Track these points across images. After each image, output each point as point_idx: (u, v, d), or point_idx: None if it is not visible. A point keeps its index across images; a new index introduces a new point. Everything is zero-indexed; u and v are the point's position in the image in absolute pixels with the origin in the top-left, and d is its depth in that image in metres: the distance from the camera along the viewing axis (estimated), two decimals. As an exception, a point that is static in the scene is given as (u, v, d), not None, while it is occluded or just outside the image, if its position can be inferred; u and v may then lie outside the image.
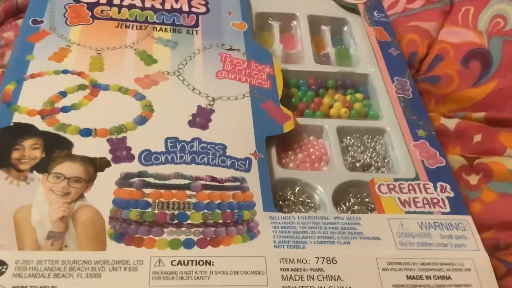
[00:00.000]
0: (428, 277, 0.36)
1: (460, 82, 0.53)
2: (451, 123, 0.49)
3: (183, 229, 0.36)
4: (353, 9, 0.57)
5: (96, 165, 0.38)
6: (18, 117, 0.40)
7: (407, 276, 0.36)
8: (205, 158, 0.40)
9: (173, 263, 0.34)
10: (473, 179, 0.45)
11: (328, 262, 0.36)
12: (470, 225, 0.39)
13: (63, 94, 0.43)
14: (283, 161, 0.44)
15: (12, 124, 0.40)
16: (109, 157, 0.39)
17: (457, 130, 0.49)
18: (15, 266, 0.32)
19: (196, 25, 0.51)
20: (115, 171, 0.38)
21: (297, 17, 0.56)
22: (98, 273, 0.33)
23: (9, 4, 0.65)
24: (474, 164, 0.46)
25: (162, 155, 0.40)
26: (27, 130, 0.39)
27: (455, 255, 0.37)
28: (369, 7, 0.57)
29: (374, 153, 0.45)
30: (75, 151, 0.39)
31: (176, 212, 0.36)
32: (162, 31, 0.50)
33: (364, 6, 0.57)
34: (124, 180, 0.38)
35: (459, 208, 0.40)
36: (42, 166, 0.37)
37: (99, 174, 0.38)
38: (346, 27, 0.57)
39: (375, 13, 0.57)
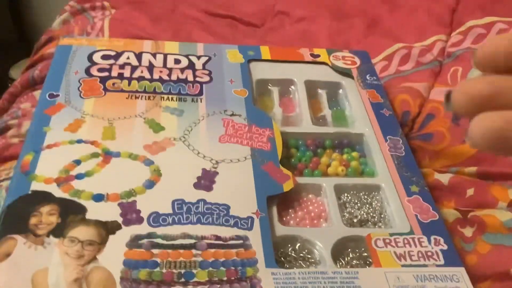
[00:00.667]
0: (425, 328, 0.37)
1: (451, 139, 0.55)
2: (444, 178, 0.51)
3: (190, 287, 0.38)
4: (347, 73, 0.61)
5: (108, 228, 0.41)
6: (35, 185, 0.43)
7: (404, 328, 0.37)
8: (210, 218, 0.43)
9: (181, 320, 0.36)
10: (467, 232, 0.47)
11: (328, 316, 0.37)
12: (464, 276, 0.41)
13: (78, 162, 0.46)
14: (284, 218, 0.46)
15: (30, 192, 0.43)
16: (120, 220, 0.41)
17: (450, 185, 0.51)
18: (33, 326, 0.34)
19: (200, 93, 0.55)
20: (126, 233, 0.40)
21: (295, 82, 0.60)
22: (110, 331, 0.35)
23: (25, 77, 0.69)
24: (468, 217, 0.48)
25: (169, 216, 0.42)
26: (44, 198, 0.42)
27: (450, 306, 0.39)
28: (361, 71, 0.61)
29: (371, 209, 0.47)
30: (89, 215, 0.41)
31: (182, 271, 0.39)
32: (169, 100, 0.54)
33: (357, 71, 0.61)
34: (134, 242, 0.40)
35: (453, 260, 0.42)
36: (58, 231, 0.40)
37: (110, 236, 0.40)
38: (341, 90, 0.60)
39: (367, 76, 0.60)
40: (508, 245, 0.45)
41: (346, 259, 0.43)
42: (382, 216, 0.47)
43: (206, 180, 0.46)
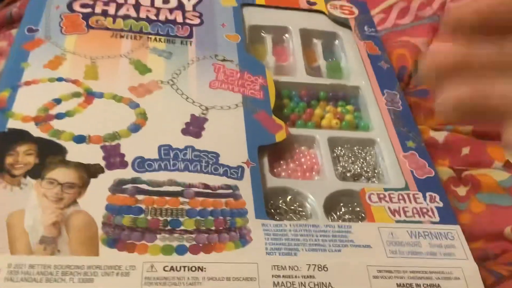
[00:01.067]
0: (418, 285, 0.36)
1: (448, 96, 0.53)
2: (440, 136, 0.50)
3: (176, 235, 0.36)
4: (344, 23, 0.58)
5: (90, 171, 0.38)
6: (12, 123, 0.40)
7: (397, 284, 0.36)
8: (198, 166, 0.40)
9: (166, 268, 0.34)
10: (461, 191, 0.46)
11: (320, 269, 0.36)
12: (459, 234, 0.40)
13: (58, 101, 0.43)
14: (275, 170, 0.44)
15: (6, 130, 0.40)
16: (102, 163, 0.39)
17: (445, 143, 0.50)
18: (8, 270, 0.32)
19: (190, 36, 0.52)
20: (109, 177, 0.38)
21: (290, 30, 0.57)
22: (91, 277, 0.33)
23: (2, 14, 0.65)
24: (463, 176, 0.46)
25: (155, 162, 0.40)
26: (21, 136, 0.39)
27: (444, 264, 0.38)
28: (359, 21, 0.58)
29: (365, 164, 0.46)
30: (69, 157, 0.39)
31: (169, 219, 0.37)
32: (157, 41, 0.51)
33: (355, 21, 0.58)
34: (117, 187, 0.38)
35: (448, 218, 0.41)
36: (36, 172, 0.37)
37: (92, 180, 0.38)
38: (337, 40, 0.58)
39: (365, 27, 0.58)
40: (502, 205, 0.44)
41: (338, 214, 0.42)
42: (376, 171, 0.45)
43: (194, 127, 0.43)
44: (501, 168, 0.47)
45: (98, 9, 0.52)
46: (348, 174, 0.45)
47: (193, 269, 0.34)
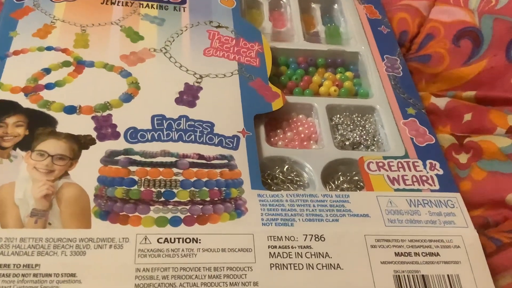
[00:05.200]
0: (416, 254, 0.36)
1: (450, 61, 0.52)
2: (441, 102, 0.49)
3: (169, 206, 0.35)
4: (343, -14, 0.56)
5: (81, 143, 0.37)
6: (1, 94, 0.39)
7: (395, 253, 0.35)
8: (192, 136, 0.39)
9: (160, 240, 0.33)
10: (462, 158, 0.45)
11: (317, 239, 0.35)
12: (459, 202, 0.39)
13: (47, 71, 0.42)
14: (272, 139, 0.43)
15: (-6, 101, 0.39)
16: (94, 134, 0.38)
17: (447, 109, 0.48)
18: (-2, 244, 0.32)
19: (183, 1, 0.50)
20: (100, 148, 0.37)
21: (287, -5, 0.55)
22: (83, 250, 0.32)
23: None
24: (464, 142, 0.45)
25: (148, 132, 0.39)
26: (10, 107, 0.39)
27: (443, 232, 0.37)
28: (359, -16, 0.56)
29: (364, 132, 0.45)
30: (59, 128, 0.38)
31: (162, 190, 0.36)
32: (149, 7, 0.49)
33: (354, -16, 0.56)
34: (109, 158, 0.37)
35: (448, 186, 0.40)
36: (26, 144, 0.37)
37: (83, 151, 0.37)
38: (336, 5, 0.56)
39: (365, -10, 0.56)
40: (504, 172, 0.43)
41: (336, 183, 0.41)
42: (375, 139, 0.44)
43: (188, 96, 0.42)
44: (504, 135, 0.45)
45: (88, -25, 0.51)
46: (347, 143, 0.44)
47: (188, 240, 0.34)
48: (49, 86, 0.40)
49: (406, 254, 0.36)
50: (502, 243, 0.39)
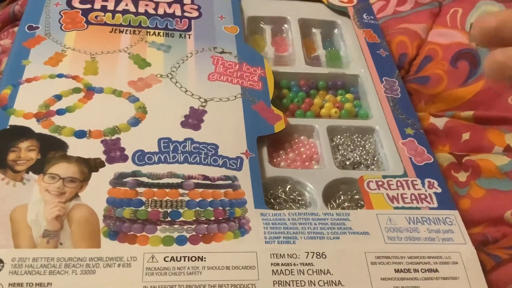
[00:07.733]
0: (416, 270, 0.37)
1: (449, 82, 0.53)
2: (440, 122, 0.50)
3: (175, 226, 0.36)
4: (343, 12, 0.58)
5: (91, 166, 0.39)
6: (14, 120, 0.41)
7: (395, 269, 0.36)
8: (198, 158, 0.41)
9: (166, 259, 0.35)
10: (461, 176, 0.46)
11: (318, 256, 0.36)
12: (457, 219, 0.40)
13: (58, 97, 0.43)
14: (275, 160, 0.45)
15: (8, 127, 0.40)
16: (103, 157, 0.39)
17: (446, 129, 0.49)
18: (12, 263, 0.33)
19: (188, 29, 0.52)
20: (109, 171, 0.39)
21: (288, 21, 0.57)
22: (93, 269, 0.33)
23: (6, 12, 0.66)
24: (463, 161, 0.46)
25: (155, 155, 0.40)
26: (23, 133, 0.40)
27: (442, 249, 0.38)
28: (358, 10, 0.58)
29: (364, 152, 0.46)
30: (70, 152, 0.39)
31: (169, 210, 0.37)
32: (155, 35, 0.51)
33: (353, 9, 0.58)
34: (118, 180, 0.38)
35: (446, 203, 0.41)
36: (38, 167, 0.38)
37: (93, 174, 0.38)
38: (336, 29, 0.58)
39: (364, 15, 0.58)
40: (503, 190, 0.44)
41: (337, 202, 0.42)
42: (375, 158, 0.46)
43: (194, 119, 0.44)
44: (502, 153, 0.46)
45: (97, 5, 0.53)
46: (348, 163, 0.45)
47: (193, 259, 0.35)
48: (60, 112, 0.42)
49: (405, 271, 0.36)
50: (501, 259, 0.39)
